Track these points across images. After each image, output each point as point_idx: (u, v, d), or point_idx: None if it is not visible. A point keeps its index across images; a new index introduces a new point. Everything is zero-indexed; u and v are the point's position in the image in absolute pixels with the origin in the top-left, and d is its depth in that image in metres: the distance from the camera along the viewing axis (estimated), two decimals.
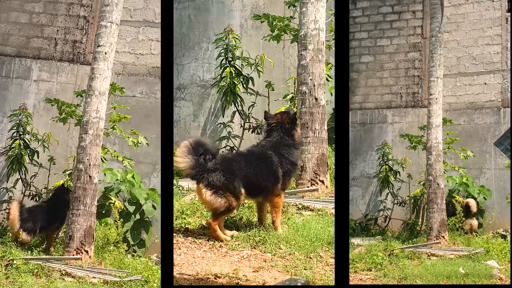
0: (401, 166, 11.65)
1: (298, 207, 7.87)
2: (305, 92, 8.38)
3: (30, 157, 8.89)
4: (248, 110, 10.60)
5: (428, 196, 9.80)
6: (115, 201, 8.33)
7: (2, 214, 8.93)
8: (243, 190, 6.65)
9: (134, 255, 8.20)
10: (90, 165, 7.35)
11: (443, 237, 9.57)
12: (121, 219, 8.02)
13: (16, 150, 8.81)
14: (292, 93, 10.14)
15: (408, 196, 11.55)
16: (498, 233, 11.00)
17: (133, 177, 8.79)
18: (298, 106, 8.50)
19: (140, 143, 8.46)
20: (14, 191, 8.99)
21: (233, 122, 10.79)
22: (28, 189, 8.89)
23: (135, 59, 9.77)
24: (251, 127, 10.54)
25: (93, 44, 8.30)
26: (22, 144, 8.78)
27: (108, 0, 7.51)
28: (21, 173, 8.84)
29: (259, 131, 10.41)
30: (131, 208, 8.61)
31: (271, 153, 6.83)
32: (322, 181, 8.31)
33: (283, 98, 10.48)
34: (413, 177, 11.47)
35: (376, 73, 12.66)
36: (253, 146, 7.08)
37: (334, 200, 7.85)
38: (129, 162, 8.45)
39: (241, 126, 10.67)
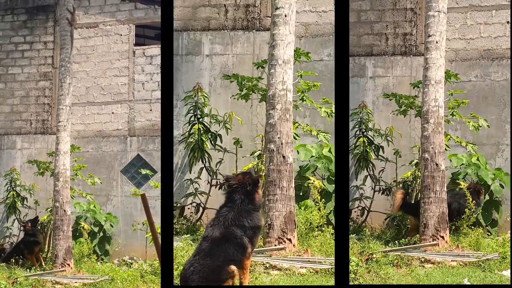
0: (385, 138, 9.36)
1: (266, 266, 7.73)
2: (273, 150, 8.46)
3: (22, 202, 12.43)
4: (216, 167, 10.75)
5: (423, 181, 7.76)
6: (84, 225, 11.35)
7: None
8: (232, 267, 6.52)
9: (102, 262, 11.18)
10: (64, 202, 10.39)
11: (442, 237, 7.75)
12: (90, 238, 11.22)
13: (11, 199, 12.30)
14: (259, 150, 10.17)
15: (394, 181, 9.35)
16: None
17: (94, 206, 11.88)
18: (266, 163, 8.57)
19: (96, 183, 11.75)
20: (12, 228, 12.50)
21: (200, 179, 10.87)
22: (22, 224, 11.97)
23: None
24: (218, 183, 10.65)
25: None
26: (15, 194, 12.34)
27: None
28: (16, 215, 12.42)
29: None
30: (96, 229, 11.69)
31: (232, 230, 6.59)
32: (290, 240, 8.26)
33: (250, 155, 10.43)
34: (402, 155, 9.33)
35: None
36: (212, 227, 6.70)
37: (301, 259, 7.89)
38: (90, 196, 11.77)
39: (208, 182, 10.81)
